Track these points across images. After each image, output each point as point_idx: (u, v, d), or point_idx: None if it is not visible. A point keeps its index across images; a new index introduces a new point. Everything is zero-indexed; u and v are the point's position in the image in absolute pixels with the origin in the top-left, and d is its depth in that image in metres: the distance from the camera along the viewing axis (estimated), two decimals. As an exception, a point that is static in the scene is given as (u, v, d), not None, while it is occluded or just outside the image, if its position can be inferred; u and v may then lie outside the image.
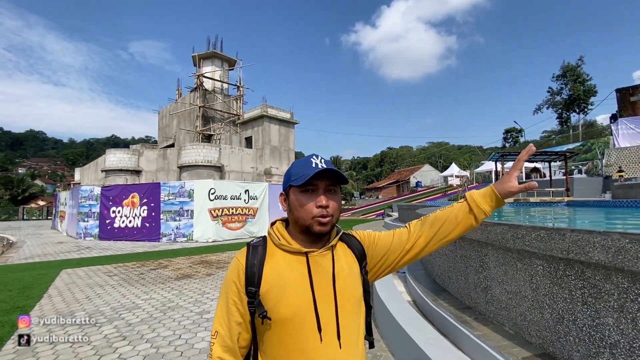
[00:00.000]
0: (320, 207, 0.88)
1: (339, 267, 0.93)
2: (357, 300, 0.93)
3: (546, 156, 12.04)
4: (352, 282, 0.93)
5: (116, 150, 20.44)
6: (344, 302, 0.89)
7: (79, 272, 7.14)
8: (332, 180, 0.91)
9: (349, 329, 0.89)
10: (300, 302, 0.85)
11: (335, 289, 0.89)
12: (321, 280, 0.89)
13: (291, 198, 0.92)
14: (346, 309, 0.89)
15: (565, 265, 1.86)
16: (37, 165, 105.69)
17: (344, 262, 0.95)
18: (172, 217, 12.82)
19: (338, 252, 0.96)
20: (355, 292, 0.93)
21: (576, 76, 37.34)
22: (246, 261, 0.90)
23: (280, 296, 0.85)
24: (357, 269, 0.97)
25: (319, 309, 0.86)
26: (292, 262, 0.89)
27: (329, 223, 0.89)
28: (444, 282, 3.57)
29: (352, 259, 0.98)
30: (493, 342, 2.17)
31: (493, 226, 2.41)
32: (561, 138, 33.56)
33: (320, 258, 0.91)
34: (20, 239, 15.26)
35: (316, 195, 0.89)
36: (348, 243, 1.01)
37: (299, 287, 0.86)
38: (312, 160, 0.91)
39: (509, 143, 49.13)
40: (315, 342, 0.84)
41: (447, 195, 25.12)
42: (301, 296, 0.86)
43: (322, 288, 0.88)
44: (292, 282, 0.87)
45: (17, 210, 40.47)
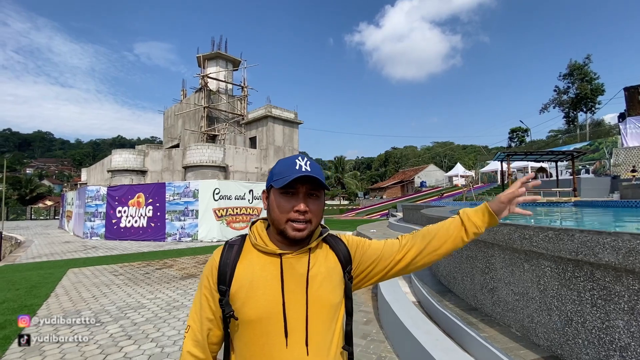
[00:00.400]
0: (297, 212, 0.85)
1: (316, 271, 0.89)
2: (332, 306, 0.89)
3: (553, 156, 11.92)
4: (329, 287, 0.89)
5: (122, 151, 20.60)
6: (316, 307, 0.86)
7: (85, 272, 7.20)
8: (315, 185, 0.87)
9: (319, 336, 0.86)
10: (268, 305, 0.83)
11: (307, 294, 0.86)
12: (293, 283, 0.86)
13: (271, 198, 0.90)
14: (318, 315, 0.86)
15: (574, 267, 1.83)
16: (45, 165, 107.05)
17: (323, 266, 0.91)
18: (177, 217, 12.89)
19: (318, 255, 0.93)
20: (332, 297, 0.89)
21: (583, 75, 36.92)
22: (220, 259, 0.89)
23: (248, 297, 0.84)
24: (338, 273, 0.93)
25: (287, 313, 0.83)
26: (266, 264, 0.87)
27: (305, 229, 0.86)
28: (450, 283, 3.54)
29: (334, 262, 0.94)
30: (500, 344, 2.14)
31: (500, 226, 2.38)
32: (568, 137, 33.19)
33: (295, 261, 0.88)
34: (28, 238, 15.44)
35: (296, 199, 0.86)
36: (333, 246, 0.97)
37: (268, 289, 0.84)
38: (297, 161, 0.87)
39: (514, 143, 48.70)
40: (280, 346, 0.82)
41: (443, 198, 24.96)
42: (270, 298, 0.84)
43: (294, 292, 0.85)
44: (263, 283, 0.85)
45: (25, 210, 40.98)
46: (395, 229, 13.12)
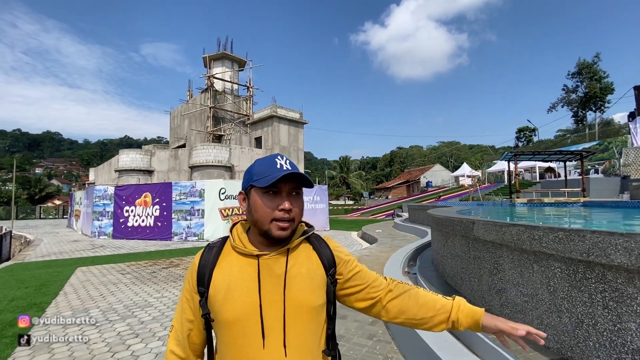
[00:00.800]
0: (282, 211, 0.85)
1: (295, 271, 0.88)
2: (312, 308, 0.87)
3: (561, 155, 11.76)
4: (309, 289, 0.88)
5: (129, 151, 20.81)
6: (294, 308, 0.85)
7: (93, 270, 7.29)
8: (297, 184, 0.88)
9: (299, 338, 0.85)
10: (245, 306, 0.83)
11: (284, 295, 0.85)
12: (270, 284, 0.85)
13: (252, 199, 0.88)
14: (296, 316, 0.85)
15: (585, 268, 1.80)
16: (54, 165, 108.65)
17: (304, 267, 0.90)
18: (184, 217, 12.98)
19: (298, 256, 0.91)
20: (312, 298, 0.88)
21: (592, 73, 36.42)
22: (200, 261, 0.90)
23: (226, 298, 0.84)
24: (321, 275, 0.91)
25: (264, 314, 0.83)
26: (244, 265, 0.87)
27: (289, 228, 0.86)
28: (457, 284, 3.51)
29: (316, 264, 0.92)
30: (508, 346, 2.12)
31: (508, 227, 2.36)
32: (577, 137, 32.76)
33: (273, 262, 0.88)
34: (37, 237, 15.68)
35: (279, 198, 0.86)
36: (316, 247, 0.96)
37: (245, 290, 0.84)
38: (277, 160, 0.87)
39: (522, 142, 48.20)
40: (258, 347, 0.82)
41: (441, 201, 24.77)
42: (247, 300, 0.84)
43: (271, 292, 0.85)
44: (240, 285, 0.85)
45: (35, 209, 41.61)
46: (401, 229, 13.06)
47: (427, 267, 4.76)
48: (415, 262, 5.51)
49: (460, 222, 3.22)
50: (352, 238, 12.86)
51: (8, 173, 70.50)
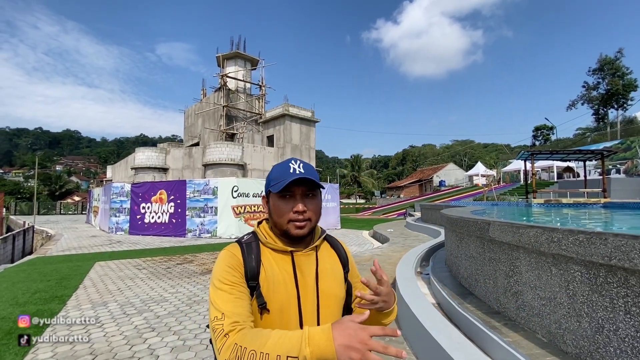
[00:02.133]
0: (297, 213, 0.91)
1: (322, 267, 0.99)
2: (340, 299, 1.00)
3: (580, 155, 11.39)
4: (335, 283, 1.00)
5: (145, 149, 21.26)
6: (326, 300, 0.95)
7: (111, 265, 7.50)
8: (310, 186, 0.94)
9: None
10: (286, 297, 0.91)
11: (318, 288, 0.95)
12: (305, 278, 0.95)
13: (271, 203, 0.97)
14: (327, 307, 0.96)
15: (607, 272, 1.75)
16: (73, 162, 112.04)
17: (328, 263, 1.02)
18: (197, 214, 13.20)
19: (322, 253, 1.03)
20: (339, 291, 1.00)
21: (615, 70, 35.14)
22: (243, 257, 0.92)
23: (269, 290, 0.90)
24: (340, 271, 1.04)
25: (302, 304, 0.92)
26: (279, 260, 0.95)
27: (306, 227, 0.93)
28: (471, 285, 3.46)
29: (336, 261, 1.05)
30: (525, 349, 2.08)
31: (525, 228, 2.31)
32: (597, 135, 31.71)
33: (305, 258, 0.97)
34: (58, 232, 16.22)
35: (293, 201, 0.92)
36: (334, 246, 1.08)
37: (285, 283, 0.92)
38: (291, 165, 0.93)
39: (539, 141, 46.97)
40: None
41: (454, 200, 24.34)
42: (287, 291, 0.91)
43: (306, 285, 0.94)
44: (281, 278, 0.92)
45: (55, 205, 43.03)
46: (413, 228, 12.94)
47: (440, 268, 4.70)
48: (428, 263, 5.46)
49: (476, 223, 3.17)
50: (364, 237, 12.81)
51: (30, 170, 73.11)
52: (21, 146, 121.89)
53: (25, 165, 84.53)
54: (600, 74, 36.55)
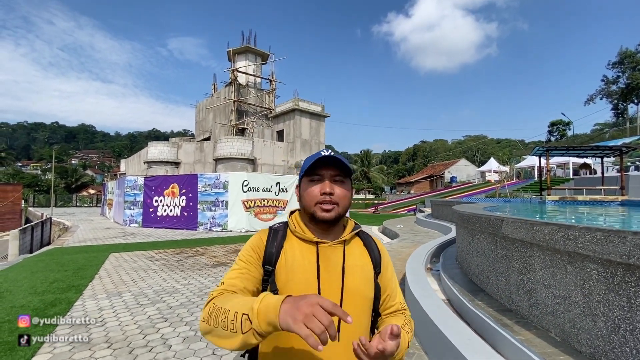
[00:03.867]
0: (324, 194, 0.91)
1: (351, 263, 0.95)
2: (367, 298, 0.95)
3: (598, 151, 11.07)
4: (364, 281, 0.95)
5: (157, 143, 21.59)
6: (351, 297, 0.91)
7: (124, 257, 7.68)
8: (338, 170, 0.94)
9: (352, 325, 0.81)
10: (305, 288, 0.89)
11: (343, 284, 0.91)
12: (329, 272, 0.92)
13: (301, 187, 0.98)
14: (352, 305, 0.90)
15: (625, 271, 1.70)
16: (88, 156, 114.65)
17: (358, 260, 0.97)
18: (208, 207, 13.37)
19: (352, 248, 0.98)
20: (366, 290, 0.95)
21: (635, 63, 33.90)
22: (267, 241, 0.96)
23: (288, 279, 0.90)
24: (370, 270, 0.98)
25: (322, 295, 0.87)
26: (304, 250, 0.94)
27: (333, 210, 0.91)
28: (482, 282, 3.42)
29: (367, 259, 1.00)
30: (537, 348, 2.05)
31: (540, 226, 2.26)
32: (616, 131, 30.72)
33: (331, 251, 0.94)
34: (74, 224, 16.68)
35: (322, 184, 0.93)
36: (366, 243, 1.03)
37: (306, 273, 0.91)
38: (322, 152, 0.94)
39: (554, 137, 45.83)
40: None
41: (465, 196, 23.96)
42: (307, 282, 0.90)
43: (329, 280, 0.91)
44: (302, 268, 0.91)
45: (71, 197, 44.20)
46: (423, 224, 12.84)
47: (451, 265, 4.66)
48: (439, 259, 5.42)
49: (488, 219, 3.12)
50: (373, 232, 12.78)
51: (47, 163, 75.14)
52: (38, 140, 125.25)
53: (43, 159, 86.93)
54: (621, 67, 35.32)
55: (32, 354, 2.88)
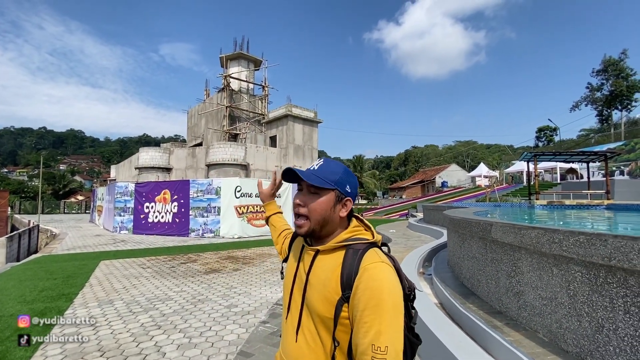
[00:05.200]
0: (295, 205, 0.94)
1: (315, 274, 0.88)
2: (323, 318, 0.83)
3: (584, 156, 11.38)
4: (319, 297, 0.84)
5: (149, 149, 21.38)
6: (308, 310, 0.88)
7: (115, 264, 7.57)
8: (312, 182, 0.91)
9: (310, 334, 0.87)
10: (287, 280, 1.01)
11: (304, 292, 0.90)
12: (300, 277, 0.95)
13: None
14: (308, 319, 0.87)
15: (607, 272, 1.79)
16: (77, 162, 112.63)
17: (322, 274, 0.86)
18: (200, 213, 13.27)
19: (325, 260, 0.88)
20: (321, 309, 0.83)
21: (619, 71, 34.99)
22: (294, 232, 1.11)
23: (286, 266, 1.07)
24: (333, 290, 0.82)
25: (292, 295, 0.96)
26: (298, 248, 1.03)
27: (303, 226, 0.91)
28: (473, 286, 3.50)
29: (333, 277, 0.83)
30: (526, 348, 2.12)
31: (527, 230, 2.34)
32: (601, 137, 31.56)
33: (307, 256, 0.95)
34: (62, 231, 16.34)
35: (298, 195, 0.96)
36: (345, 261, 0.84)
37: (291, 268, 1.01)
38: (315, 163, 0.97)
39: (542, 142, 46.80)
40: (284, 315, 0.99)
41: (456, 201, 24.30)
42: (289, 275, 1.01)
43: (299, 285, 0.94)
44: (291, 260, 1.03)
45: (59, 204, 43.31)
46: (415, 229, 12.95)
47: (443, 269, 4.74)
48: (431, 263, 5.49)
49: (478, 224, 3.20)
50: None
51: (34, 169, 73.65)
52: (25, 145, 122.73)
53: (30, 165, 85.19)
54: (604, 75, 36.41)
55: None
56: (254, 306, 4.49)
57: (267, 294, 5.09)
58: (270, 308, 4.41)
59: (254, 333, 3.56)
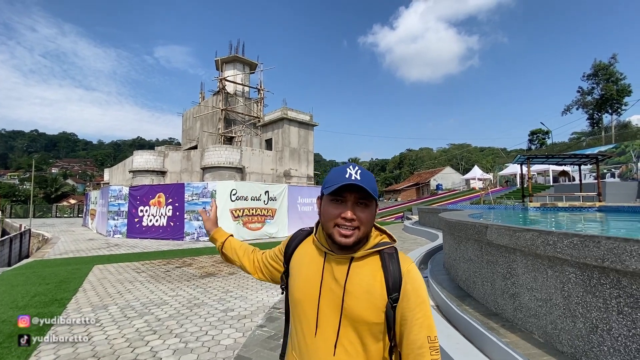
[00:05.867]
0: (344, 219, 0.87)
1: (355, 282, 0.87)
2: (370, 324, 0.85)
3: (576, 159, 11.55)
4: (365, 305, 0.85)
5: (143, 152, 21.23)
6: (350, 320, 0.86)
7: (109, 268, 7.48)
8: (363, 194, 0.88)
9: (352, 346, 0.86)
10: (307, 291, 0.93)
11: (343, 302, 0.86)
12: (331, 287, 0.89)
13: (322, 204, 0.95)
14: (352, 326, 0.86)
15: (600, 274, 1.82)
16: (69, 165, 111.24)
17: (364, 282, 0.87)
18: (195, 217, 13.18)
19: (362, 267, 0.90)
20: (368, 315, 0.85)
21: (609, 75, 35.65)
22: (289, 239, 1.09)
23: (296, 278, 0.98)
24: (379, 295, 0.85)
25: (320, 307, 0.89)
26: (315, 256, 0.97)
27: (352, 235, 0.87)
28: (469, 288, 3.52)
29: (379, 282, 0.87)
30: (522, 349, 2.14)
31: (522, 232, 2.38)
32: (592, 140, 32.07)
33: (336, 264, 0.91)
34: (54, 235, 16.12)
35: (344, 207, 0.88)
36: (385, 265, 0.89)
37: (311, 279, 0.94)
38: (348, 170, 0.89)
39: (534, 145, 47.38)
40: (311, 332, 0.90)
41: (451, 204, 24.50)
42: (309, 286, 0.93)
43: (331, 296, 0.88)
44: (307, 271, 0.96)
45: (51, 208, 42.72)
46: (411, 232, 13.01)
47: (439, 271, 4.77)
48: (427, 266, 5.52)
49: (473, 226, 3.24)
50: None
51: (26, 172, 72.64)
52: (17, 148, 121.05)
53: (21, 168, 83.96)
54: (595, 79, 37.07)
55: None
56: (251, 310, 4.47)
57: (263, 297, 5.07)
58: (267, 312, 4.39)
59: (251, 337, 3.54)
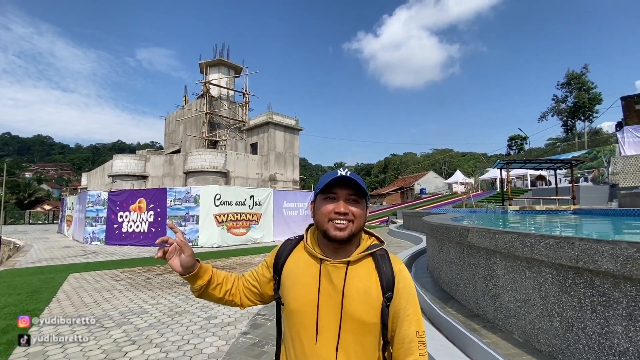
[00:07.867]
0: (337, 213, 0.90)
1: (353, 285, 0.91)
2: (368, 325, 0.90)
3: (552, 164, 12.01)
4: (364, 307, 0.90)
5: (123, 156, 20.64)
6: (350, 322, 0.89)
7: (86, 277, 7.20)
8: (354, 190, 0.93)
9: (354, 348, 0.89)
10: (305, 300, 0.93)
11: (342, 306, 0.89)
12: (330, 292, 0.91)
13: (316, 204, 0.98)
14: (352, 329, 0.89)
15: (574, 274, 1.89)
16: (44, 169, 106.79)
17: (361, 283, 0.91)
18: (178, 222, 12.88)
19: (358, 270, 0.94)
20: (367, 317, 0.89)
21: (581, 84, 37.37)
22: (278, 251, 1.06)
23: (291, 288, 0.96)
24: (376, 295, 0.91)
25: (320, 313, 0.90)
26: (309, 264, 0.97)
27: (346, 229, 0.90)
28: (452, 290, 3.58)
29: (374, 282, 0.92)
30: (502, 350, 2.18)
31: (501, 234, 2.44)
32: (566, 145, 33.45)
33: (333, 269, 0.93)
34: (27, 243, 15.40)
35: (336, 203, 0.92)
36: (378, 266, 0.95)
37: (307, 288, 0.93)
38: (338, 171, 0.94)
39: (513, 150, 48.99)
40: (311, 340, 0.91)
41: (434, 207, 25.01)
42: (307, 294, 0.93)
43: (330, 302, 0.91)
44: (303, 283, 0.95)
45: (23, 214, 40.80)
46: (395, 235, 13.14)
47: (423, 274, 4.82)
48: (411, 269, 5.58)
49: (456, 229, 3.30)
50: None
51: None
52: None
53: (-9, 173, 79.96)
54: (568, 87, 38.78)
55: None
56: (235, 317, 4.39)
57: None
58: (251, 319, 4.32)
59: (235, 345, 3.47)
